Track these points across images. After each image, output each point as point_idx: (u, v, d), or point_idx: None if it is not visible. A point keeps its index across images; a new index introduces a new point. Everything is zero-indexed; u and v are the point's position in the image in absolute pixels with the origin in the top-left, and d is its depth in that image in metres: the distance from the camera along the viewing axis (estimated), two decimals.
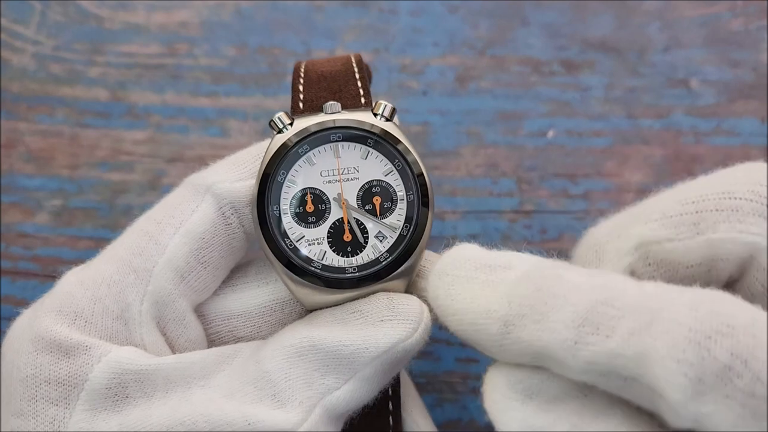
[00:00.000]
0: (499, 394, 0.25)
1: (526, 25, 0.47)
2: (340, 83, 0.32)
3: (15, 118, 0.46)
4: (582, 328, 0.23)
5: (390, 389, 0.31)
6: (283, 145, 0.30)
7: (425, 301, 0.30)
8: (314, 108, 0.31)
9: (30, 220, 0.44)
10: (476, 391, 0.41)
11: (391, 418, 0.31)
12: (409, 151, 0.30)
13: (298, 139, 0.30)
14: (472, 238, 0.43)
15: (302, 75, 0.32)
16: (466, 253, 0.27)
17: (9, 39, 0.47)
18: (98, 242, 0.44)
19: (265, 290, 0.32)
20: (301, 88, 0.32)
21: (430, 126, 0.45)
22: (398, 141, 0.30)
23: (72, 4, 0.48)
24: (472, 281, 0.26)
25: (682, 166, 0.44)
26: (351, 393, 0.28)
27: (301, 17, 0.47)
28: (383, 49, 0.47)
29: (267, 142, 0.31)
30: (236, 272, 0.33)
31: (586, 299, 0.23)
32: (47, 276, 0.43)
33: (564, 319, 0.23)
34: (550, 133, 0.45)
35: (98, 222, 0.44)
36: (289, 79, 0.47)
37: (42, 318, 0.29)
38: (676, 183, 0.31)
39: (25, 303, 0.43)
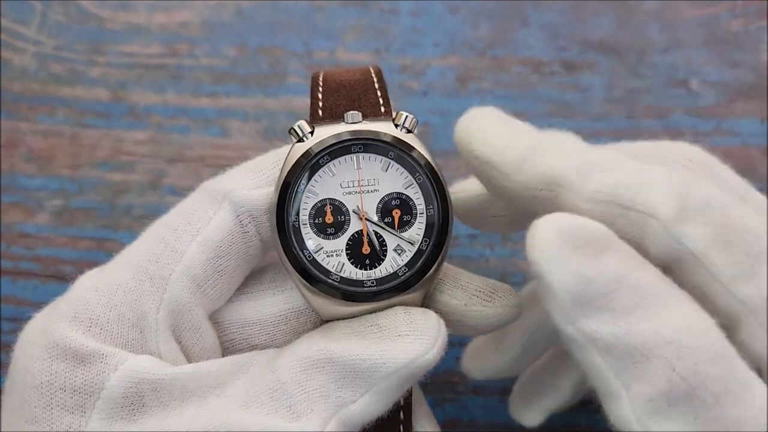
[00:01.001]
0: (549, 244, 0.26)
1: (526, 25, 0.47)
2: (359, 91, 0.31)
3: (16, 118, 0.46)
4: (594, 166, 0.27)
5: (402, 399, 0.31)
6: (304, 155, 0.30)
7: (442, 315, 0.30)
8: (333, 115, 0.31)
9: (31, 220, 0.44)
10: (476, 391, 0.41)
11: (402, 426, 0.31)
12: (431, 165, 0.30)
13: (319, 149, 0.30)
14: (472, 238, 0.43)
15: (321, 83, 0.32)
16: (495, 110, 0.30)
17: (10, 39, 0.47)
18: (99, 242, 0.44)
19: (280, 298, 0.31)
20: (319, 95, 0.31)
21: (430, 126, 0.45)
22: (419, 154, 0.30)
23: (73, 5, 0.48)
24: (503, 120, 0.30)
25: None
26: (367, 406, 0.28)
27: (302, 17, 0.47)
28: (384, 49, 0.47)
29: (285, 148, 0.31)
30: (250, 279, 0.32)
31: (596, 153, 0.29)
32: (48, 276, 0.43)
33: (580, 159, 0.28)
34: None
35: (99, 222, 0.44)
36: (291, 79, 0.47)
37: (56, 324, 0.28)
38: None
39: (25, 303, 0.43)
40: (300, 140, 0.30)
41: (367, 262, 0.30)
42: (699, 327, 0.26)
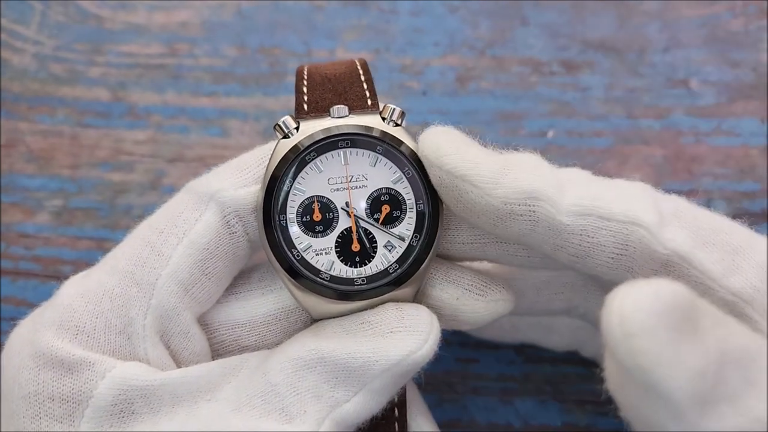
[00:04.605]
0: (645, 330, 0.21)
1: (526, 25, 0.47)
2: (345, 84, 0.31)
3: (16, 118, 0.46)
4: (565, 182, 0.28)
5: (396, 396, 0.30)
6: (290, 151, 0.29)
7: (434, 310, 0.29)
8: (319, 109, 0.30)
9: (30, 220, 0.44)
10: (476, 391, 0.41)
11: (397, 424, 0.31)
12: (420, 159, 0.29)
13: (305, 145, 0.29)
14: None
15: (305, 77, 0.31)
16: (456, 130, 0.30)
17: (9, 39, 0.47)
18: (99, 242, 0.44)
19: (269, 298, 0.31)
20: (305, 90, 0.31)
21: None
22: (408, 148, 0.29)
23: (72, 4, 0.48)
24: (468, 139, 0.30)
25: (682, 166, 0.44)
26: (360, 405, 0.28)
27: (302, 17, 0.47)
28: (383, 49, 0.47)
29: (271, 145, 0.30)
30: (239, 279, 0.32)
31: (564, 172, 0.29)
32: (48, 276, 0.43)
33: (552, 176, 0.28)
34: (550, 134, 0.45)
35: (99, 222, 0.44)
36: (290, 79, 0.47)
37: (42, 333, 0.28)
38: (677, 183, 0.31)
39: (25, 303, 0.43)
40: (285, 136, 0.30)
41: (357, 259, 0.30)
42: None
